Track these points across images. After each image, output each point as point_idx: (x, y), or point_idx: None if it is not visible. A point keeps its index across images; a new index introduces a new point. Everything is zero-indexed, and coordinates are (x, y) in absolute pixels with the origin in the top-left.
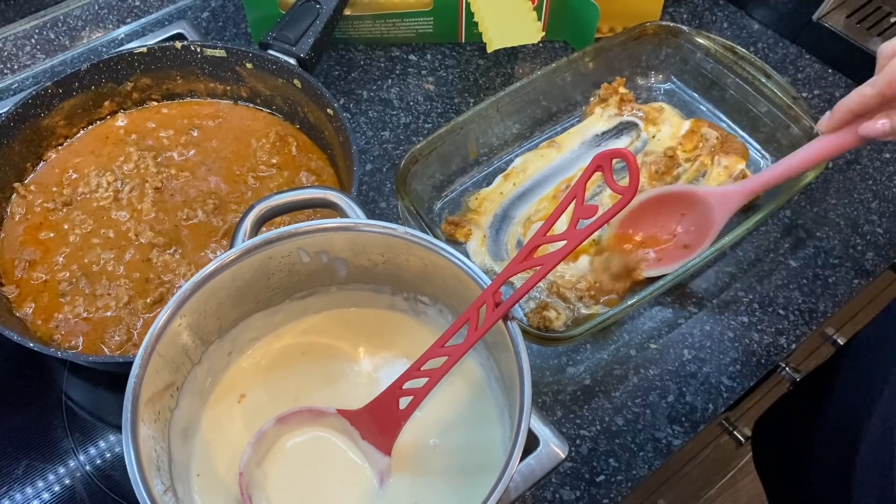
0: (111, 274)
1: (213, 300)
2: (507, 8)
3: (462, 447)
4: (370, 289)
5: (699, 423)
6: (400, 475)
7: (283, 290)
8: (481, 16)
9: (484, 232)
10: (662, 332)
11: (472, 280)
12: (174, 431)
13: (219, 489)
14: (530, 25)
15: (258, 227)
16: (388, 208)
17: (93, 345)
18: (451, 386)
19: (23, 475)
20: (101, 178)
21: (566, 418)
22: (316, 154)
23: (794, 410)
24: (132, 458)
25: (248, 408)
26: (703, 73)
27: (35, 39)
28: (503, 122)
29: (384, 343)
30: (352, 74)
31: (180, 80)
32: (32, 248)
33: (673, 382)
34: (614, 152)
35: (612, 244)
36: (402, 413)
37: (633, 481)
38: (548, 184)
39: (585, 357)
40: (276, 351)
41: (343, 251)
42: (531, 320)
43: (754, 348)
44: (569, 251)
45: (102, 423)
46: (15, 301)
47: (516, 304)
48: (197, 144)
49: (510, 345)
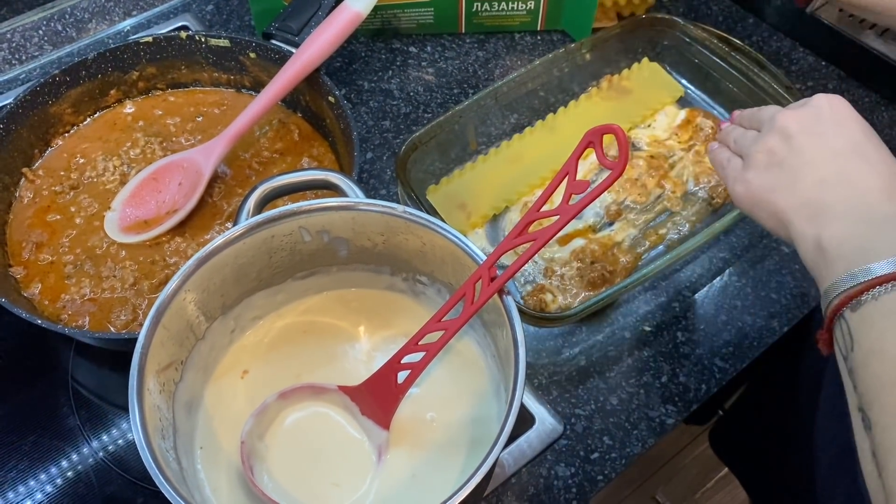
0: (115, 256)
1: (217, 276)
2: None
3: (459, 422)
4: (370, 269)
5: (692, 403)
6: (398, 449)
7: (284, 270)
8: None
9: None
10: (657, 314)
11: (469, 257)
12: (178, 404)
13: (221, 462)
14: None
15: (261, 208)
16: (389, 195)
17: (99, 324)
18: (449, 363)
19: (30, 450)
20: (108, 163)
21: (561, 398)
22: (317, 141)
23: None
24: (137, 423)
25: (251, 383)
26: (698, 64)
27: (43, 31)
28: (501, 112)
29: (383, 322)
30: (353, 66)
31: (185, 69)
32: (40, 230)
33: (666, 363)
34: (605, 128)
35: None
36: (400, 387)
37: (627, 458)
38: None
39: (581, 339)
40: (278, 329)
41: (344, 231)
42: (528, 303)
43: (747, 331)
44: (561, 226)
45: (107, 403)
46: (22, 281)
47: (511, 278)
48: (203, 131)
49: (506, 320)
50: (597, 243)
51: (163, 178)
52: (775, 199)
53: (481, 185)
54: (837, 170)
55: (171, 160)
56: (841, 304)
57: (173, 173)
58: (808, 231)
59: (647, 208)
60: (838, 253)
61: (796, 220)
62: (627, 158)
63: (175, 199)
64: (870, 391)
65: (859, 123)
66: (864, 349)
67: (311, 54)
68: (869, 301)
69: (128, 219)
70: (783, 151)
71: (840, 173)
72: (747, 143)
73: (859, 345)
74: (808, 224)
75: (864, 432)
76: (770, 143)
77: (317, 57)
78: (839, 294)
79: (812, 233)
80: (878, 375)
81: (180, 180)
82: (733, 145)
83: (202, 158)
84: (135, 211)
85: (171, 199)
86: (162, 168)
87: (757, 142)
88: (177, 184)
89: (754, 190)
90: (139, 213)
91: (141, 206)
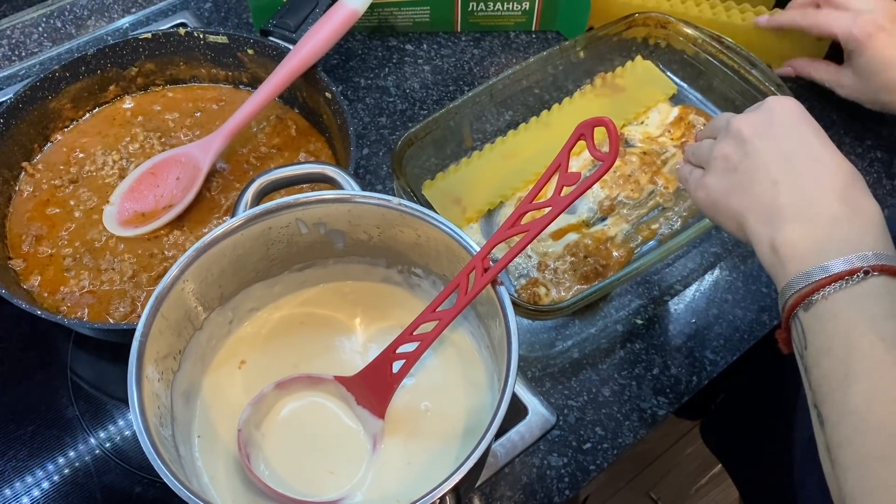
0: (114, 249)
1: (216, 267)
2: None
3: (453, 411)
4: (366, 262)
5: (683, 395)
6: (393, 438)
7: (282, 262)
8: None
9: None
10: (649, 308)
11: (463, 248)
12: (177, 393)
13: (219, 450)
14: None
15: (258, 200)
16: (385, 191)
17: (98, 316)
18: (444, 354)
19: (30, 440)
20: (107, 157)
21: (554, 389)
22: (314, 137)
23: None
24: (136, 409)
25: (248, 374)
26: (690, 62)
27: (42, 28)
28: (496, 109)
29: (379, 314)
30: (350, 63)
31: (183, 65)
32: (39, 223)
33: (658, 356)
34: (596, 121)
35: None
36: (395, 376)
37: (619, 449)
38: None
39: (573, 332)
40: (275, 320)
41: (340, 223)
42: (521, 296)
43: (738, 324)
44: (554, 216)
45: (106, 395)
46: (22, 274)
47: (504, 268)
48: (201, 126)
49: (499, 310)
50: (590, 238)
51: (161, 173)
52: (732, 202)
53: (476, 180)
54: (790, 172)
55: (169, 155)
56: (795, 303)
57: (171, 168)
58: (763, 232)
59: (640, 204)
60: (791, 254)
61: (752, 222)
62: (618, 150)
63: (173, 193)
64: (821, 388)
65: (811, 125)
66: (816, 347)
67: (309, 51)
68: (819, 300)
69: (126, 212)
70: (738, 155)
71: (792, 175)
72: (704, 152)
73: (812, 343)
74: (763, 226)
75: (820, 427)
76: (725, 148)
77: (314, 54)
78: (793, 294)
79: (767, 234)
80: (827, 373)
81: (178, 175)
82: (692, 157)
83: (200, 153)
84: (133, 205)
85: (170, 194)
86: (160, 163)
87: (713, 149)
88: (175, 178)
89: (713, 194)
90: (137, 207)
91: (139, 201)
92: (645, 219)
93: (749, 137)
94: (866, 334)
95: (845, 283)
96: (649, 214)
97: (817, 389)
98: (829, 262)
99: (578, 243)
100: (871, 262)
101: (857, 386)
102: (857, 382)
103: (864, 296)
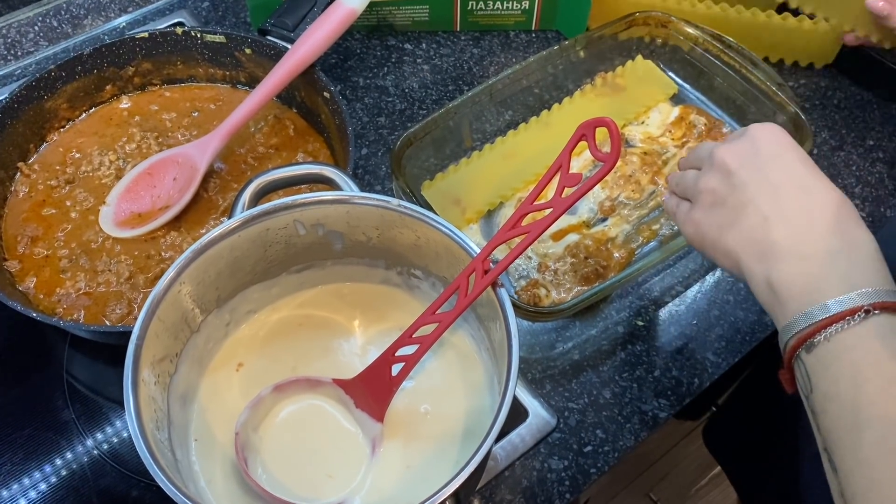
0: (111, 251)
1: (213, 269)
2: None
3: (453, 414)
4: (365, 263)
5: (685, 397)
6: (392, 441)
7: (280, 263)
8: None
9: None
10: (650, 309)
11: (463, 250)
12: (173, 396)
13: (216, 454)
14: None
15: (256, 201)
16: (384, 191)
17: (94, 318)
18: (444, 356)
19: (25, 442)
20: (103, 157)
21: (555, 391)
22: (313, 137)
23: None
24: (132, 413)
25: (246, 376)
26: (691, 62)
27: (38, 27)
28: (496, 109)
29: (378, 316)
30: (348, 62)
31: (181, 65)
32: (35, 224)
33: (659, 358)
34: (597, 121)
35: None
36: (394, 379)
37: (620, 451)
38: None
39: (574, 334)
40: (273, 323)
41: (339, 224)
42: (521, 297)
43: (739, 325)
44: (554, 218)
45: (102, 397)
46: (17, 275)
47: (505, 270)
48: (198, 126)
49: (499, 312)
50: (591, 239)
51: (158, 173)
52: (724, 239)
53: (476, 180)
54: (780, 206)
55: (166, 155)
56: (796, 344)
57: (168, 168)
58: (758, 270)
59: (641, 204)
60: (789, 293)
61: (745, 259)
62: (619, 150)
63: (170, 193)
64: (831, 435)
65: (796, 152)
66: (821, 392)
67: (307, 50)
68: (822, 342)
69: (123, 213)
70: (724, 189)
71: (783, 209)
72: (689, 185)
73: (817, 387)
74: (757, 264)
75: (832, 473)
76: (711, 181)
77: (312, 53)
78: (794, 335)
79: (762, 272)
80: (836, 420)
81: (175, 175)
82: (677, 189)
83: (197, 153)
84: (130, 206)
85: (167, 194)
86: (157, 163)
87: (698, 181)
88: (172, 179)
89: (703, 230)
90: (134, 208)
91: (136, 201)
92: (646, 219)
93: (735, 169)
94: (872, 379)
95: (847, 324)
96: (650, 215)
97: (826, 436)
98: (828, 300)
99: (579, 244)
100: (871, 300)
101: (867, 435)
102: (867, 430)
103: (867, 336)
